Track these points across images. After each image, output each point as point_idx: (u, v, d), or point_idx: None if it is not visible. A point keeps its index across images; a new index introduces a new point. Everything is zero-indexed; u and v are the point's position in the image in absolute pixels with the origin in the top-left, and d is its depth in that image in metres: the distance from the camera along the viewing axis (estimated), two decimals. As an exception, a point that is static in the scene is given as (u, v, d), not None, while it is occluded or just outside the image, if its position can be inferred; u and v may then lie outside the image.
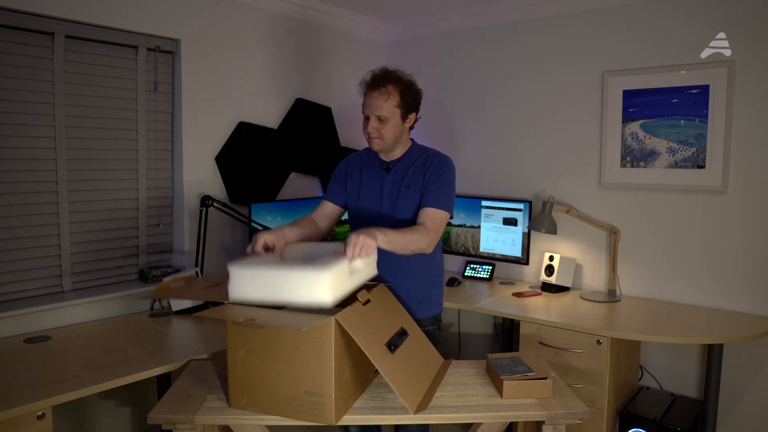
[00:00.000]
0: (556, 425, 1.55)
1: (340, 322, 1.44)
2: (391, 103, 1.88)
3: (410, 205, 1.94)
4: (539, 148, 3.10)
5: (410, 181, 1.95)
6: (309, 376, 1.46)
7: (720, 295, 2.59)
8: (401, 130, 1.95)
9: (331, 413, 1.45)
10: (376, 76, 1.91)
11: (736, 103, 2.49)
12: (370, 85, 1.91)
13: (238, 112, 2.88)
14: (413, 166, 1.97)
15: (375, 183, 2.00)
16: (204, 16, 2.68)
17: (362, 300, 1.59)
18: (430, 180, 1.93)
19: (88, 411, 2.39)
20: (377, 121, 1.89)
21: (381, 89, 1.87)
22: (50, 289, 2.35)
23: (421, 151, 2.03)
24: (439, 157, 1.99)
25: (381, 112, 1.88)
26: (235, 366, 1.54)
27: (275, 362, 1.49)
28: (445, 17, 3.34)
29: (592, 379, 2.35)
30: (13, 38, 2.15)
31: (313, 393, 1.46)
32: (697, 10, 2.55)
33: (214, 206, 2.55)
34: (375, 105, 1.88)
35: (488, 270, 3.18)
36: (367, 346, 1.46)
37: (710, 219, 2.61)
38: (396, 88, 1.89)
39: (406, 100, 1.92)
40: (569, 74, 2.96)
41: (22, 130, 2.22)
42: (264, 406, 1.52)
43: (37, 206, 2.29)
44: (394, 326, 1.65)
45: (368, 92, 1.91)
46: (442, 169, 1.96)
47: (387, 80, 1.88)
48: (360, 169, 2.05)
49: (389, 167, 2.00)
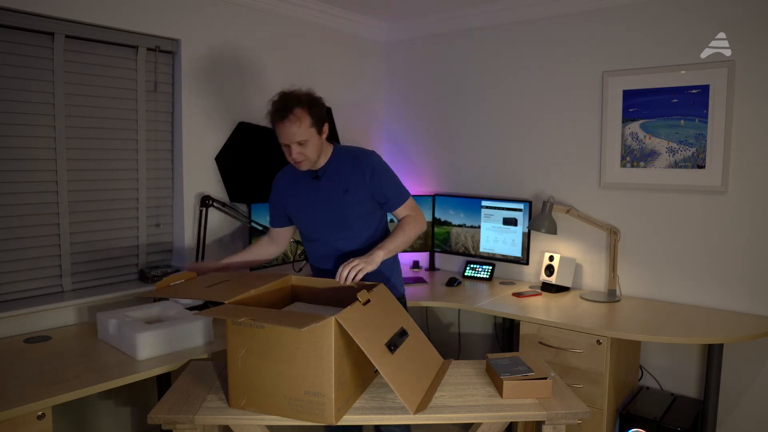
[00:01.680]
0: (556, 425, 1.55)
1: (340, 321, 1.44)
2: (305, 126, 1.88)
3: (352, 208, 2.00)
4: (539, 148, 3.10)
5: (347, 184, 1.99)
6: (309, 376, 1.46)
7: (720, 295, 2.59)
8: (321, 144, 1.97)
9: (331, 413, 1.45)
10: (278, 107, 1.89)
11: (736, 103, 2.49)
12: (277, 116, 1.89)
13: (238, 112, 2.88)
14: (342, 168, 2.01)
15: (310, 193, 2.04)
16: (204, 16, 2.68)
17: (362, 300, 1.59)
18: (376, 183, 1.99)
19: (88, 411, 2.39)
20: (298, 146, 1.90)
21: (290, 116, 1.87)
22: (50, 289, 2.36)
23: (344, 151, 2.06)
24: (368, 156, 2.03)
25: (298, 137, 1.88)
26: (235, 366, 1.54)
27: (275, 362, 1.50)
28: (445, 17, 3.34)
29: (592, 379, 2.35)
30: (13, 38, 2.15)
31: (313, 393, 1.46)
32: (697, 10, 2.55)
33: (214, 206, 2.55)
34: (290, 133, 1.88)
35: (488, 270, 3.18)
36: (367, 346, 1.46)
37: (710, 219, 2.61)
38: (303, 110, 1.88)
39: (316, 117, 1.92)
40: (569, 74, 2.96)
41: (22, 130, 2.22)
42: (264, 406, 1.52)
43: (37, 206, 2.29)
44: (394, 326, 1.66)
45: (278, 123, 1.89)
46: (380, 166, 2.01)
47: (290, 105, 1.88)
48: (293, 185, 2.09)
49: (318, 175, 2.03)
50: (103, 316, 2.06)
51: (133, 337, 1.87)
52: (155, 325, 1.96)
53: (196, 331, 2.02)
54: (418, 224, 2.03)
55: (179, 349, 1.96)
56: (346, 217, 2.00)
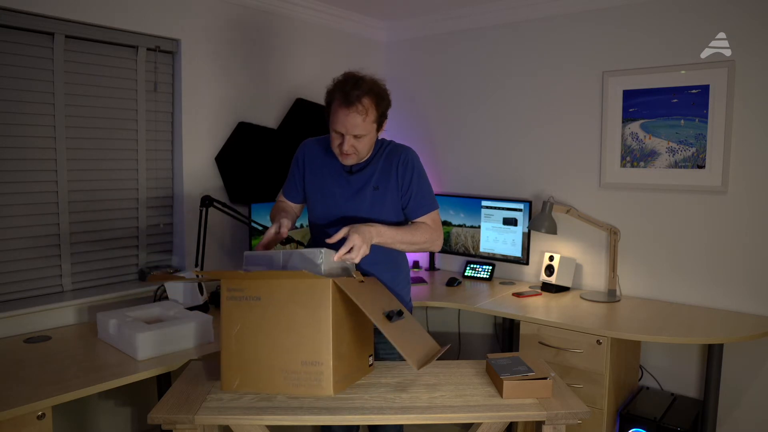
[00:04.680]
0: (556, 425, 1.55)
1: (339, 284, 1.44)
2: (369, 120, 1.70)
3: (380, 206, 1.84)
4: (539, 147, 3.10)
5: (378, 181, 1.83)
6: (307, 345, 1.45)
7: (720, 294, 2.59)
8: (374, 141, 1.81)
9: (329, 383, 1.44)
10: (346, 91, 1.67)
11: (736, 103, 2.49)
12: (342, 100, 1.68)
13: (238, 112, 2.88)
14: (378, 162, 1.85)
15: (340, 184, 1.86)
16: (204, 16, 2.68)
17: (358, 278, 1.59)
18: (407, 184, 1.82)
19: (88, 411, 2.39)
20: (353, 138, 1.71)
21: (357, 106, 1.67)
22: (50, 289, 2.36)
23: (384, 145, 1.88)
24: (405, 154, 1.84)
25: (357, 131, 1.70)
26: (229, 345, 1.54)
27: (271, 334, 1.48)
28: (444, 17, 3.34)
29: (592, 379, 2.35)
30: (13, 38, 2.15)
31: (311, 362, 1.45)
32: (697, 10, 2.55)
33: (214, 206, 2.55)
34: (351, 124, 1.68)
35: (488, 270, 3.18)
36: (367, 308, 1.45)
37: (710, 219, 2.61)
38: (372, 101, 1.69)
39: (381, 111, 1.74)
40: (569, 74, 2.96)
41: (22, 130, 2.22)
42: (258, 383, 1.51)
43: (37, 206, 2.29)
44: (390, 305, 1.66)
45: (340, 109, 1.68)
46: (416, 169, 1.85)
47: (362, 93, 1.67)
48: (321, 169, 1.89)
49: (353, 170, 1.86)
50: (103, 316, 2.06)
51: (133, 337, 1.87)
52: (155, 325, 1.96)
53: (196, 331, 2.02)
54: (430, 236, 1.80)
55: (179, 349, 1.96)
56: (371, 214, 1.84)
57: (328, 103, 1.76)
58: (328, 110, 1.76)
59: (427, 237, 1.81)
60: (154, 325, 1.98)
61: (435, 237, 1.83)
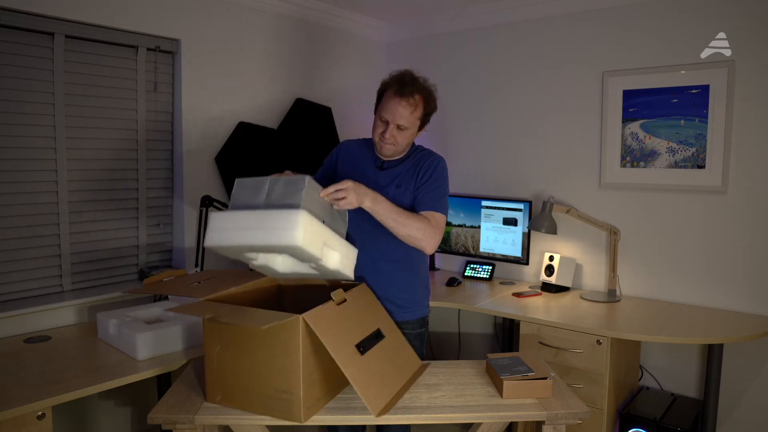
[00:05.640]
0: (556, 425, 1.55)
1: (307, 321, 1.43)
2: (416, 114, 1.81)
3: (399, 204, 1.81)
4: (539, 147, 3.10)
5: (401, 180, 1.89)
6: (278, 373, 1.46)
7: (720, 294, 2.59)
8: (413, 138, 1.90)
9: (300, 411, 1.44)
10: (404, 82, 1.78)
11: (736, 103, 2.49)
12: (398, 90, 1.78)
13: (238, 112, 2.88)
14: (406, 164, 1.91)
15: (366, 176, 1.88)
16: (204, 16, 2.68)
17: (337, 300, 1.57)
18: (423, 181, 1.86)
19: (88, 411, 2.39)
20: (397, 128, 1.80)
21: (409, 98, 1.77)
22: (50, 289, 2.36)
23: (417, 150, 1.96)
24: (433, 157, 1.92)
25: (403, 121, 1.79)
26: (212, 361, 1.55)
27: (247, 359, 1.50)
28: (444, 18, 3.34)
29: (592, 379, 2.35)
30: (13, 38, 2.16)
31: (282, 390, 1.46)
32: (697, 10, 2.55)
33: (214, 206, 2.55)
34: (399, 114, 1.78)
35: (488, 270, 3.18)
36: (333, 346, 1.44)
37: (710, 219, 2.61)
38: (422, 98, 1.80)
39: (428, 111, 1.84)
40: (569, 74, 2.96)
41: (22, 130, 2.22)
42: (238, 401, 1.52)
43: (37, 206, 2.29)
44: (368, 327, 1.63)
45: (393, 98, 1.77)
46: (437, 171, 1.88)
47: (415, 88, 1.78)
48: (354, 161, 1.96)
49: (384, 166, 1.92)
50: (103, 316, 2.06)
51: (133, 337, 1.87)
52: (155, 325, 1.96)
53: (196, 331, 2.02)
54: (425, 230, 1.76)
55: (179, 349, 1.96)
56: None
57: (380, 92, 1.85)
58: (379, 99, 1.85)
59: (422, 227, 1.76)
60: (154, 325, 1.98)
61: (430, 234, 1.78)
